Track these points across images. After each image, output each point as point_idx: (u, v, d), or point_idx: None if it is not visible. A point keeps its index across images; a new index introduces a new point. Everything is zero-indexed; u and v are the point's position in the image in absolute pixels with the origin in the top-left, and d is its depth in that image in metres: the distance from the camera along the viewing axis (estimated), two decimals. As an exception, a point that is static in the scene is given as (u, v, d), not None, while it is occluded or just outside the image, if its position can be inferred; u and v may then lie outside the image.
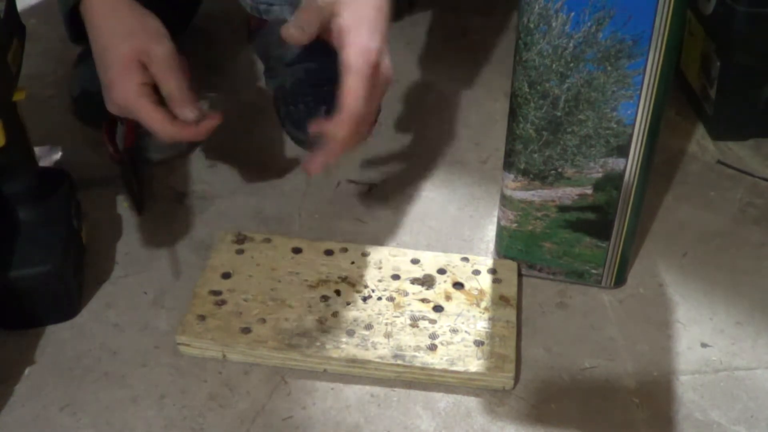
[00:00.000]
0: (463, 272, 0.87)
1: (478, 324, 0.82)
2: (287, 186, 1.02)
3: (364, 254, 0.89)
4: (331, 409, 0.78)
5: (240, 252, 0.89)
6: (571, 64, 0.74)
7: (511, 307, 0.84)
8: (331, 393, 0.79)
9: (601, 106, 0.76)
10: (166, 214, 0.97)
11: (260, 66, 1.17)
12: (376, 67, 0.78)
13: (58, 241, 0.83)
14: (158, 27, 0.84)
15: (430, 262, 0.88)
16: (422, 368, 0.79)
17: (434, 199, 1.00)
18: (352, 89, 0.78)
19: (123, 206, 0.97)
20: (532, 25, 0.73)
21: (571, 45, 0.73)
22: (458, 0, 1.35)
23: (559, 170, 0.81)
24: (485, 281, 0.86)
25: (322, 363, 0.80)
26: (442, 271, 0.87)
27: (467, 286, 0.86)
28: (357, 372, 0.80)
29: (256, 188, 1.01)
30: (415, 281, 0.86)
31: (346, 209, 0.98)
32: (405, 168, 1.04)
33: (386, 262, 0.88)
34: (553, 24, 0.72)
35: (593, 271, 0.87)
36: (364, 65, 0.77)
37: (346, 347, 0.80)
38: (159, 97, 0.83)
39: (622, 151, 0.78)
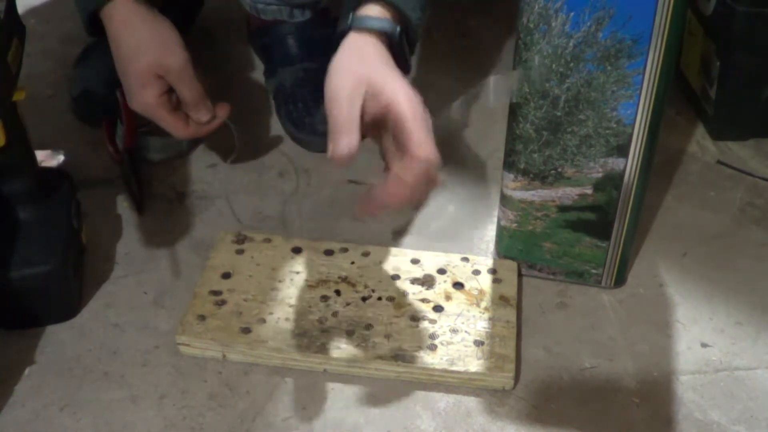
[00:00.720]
0: (463, 272, 0.87)
1: (478, 324, 0.82)
2: (287, 186, 1.02)
3: (364, 254, 0.89)
4: (331, 409, 0.78)
5: (240, 252, 0.89)
6: (571, 64, 0.74)
7: (511, 307, 0.84)
8: (331, 393, 0.79)
9: (601, 106, 0.76)
10: (166, 214, 0.97)
11: (260, 66, 1.17)
12: (426, 112, 0.74)
13: (58, 241, 0.83)
14: (172, 37, 0.87)
15: (430, 262, 0.88)
16: (422, 368, 0.79)
17: (434, 199, 1.00)
18: (418, 133, 0.72)
19: (123, 206, 0.97)
20: (531, 25, 0.73)
21: (570, 45, 0.73)
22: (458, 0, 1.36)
23: (559, 170, 0.81)
24: (485, 281, 0.86)
25: (322, 363, 0.80)
26: (442, 271, 0.87)
27: (467, 286, 0.86)
28: (357, 372, 0.80)
29: (256, 188, 1.01)
30: (415, 281, 0.86)
31: (346, 209, 0.98)
32: (405, 168, 1.04)
33: (386, 262, 0.88)
34: (553, 24, 0.72)
35: (593, 271, 0.87)
36: (419, 108, 0.74)
37: (346, 347, 0.80)
38: (177, 101, 0.90)
39: (622, 151, 0.78)
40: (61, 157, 0.98)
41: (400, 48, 0.80)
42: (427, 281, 0.86)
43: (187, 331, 0.81)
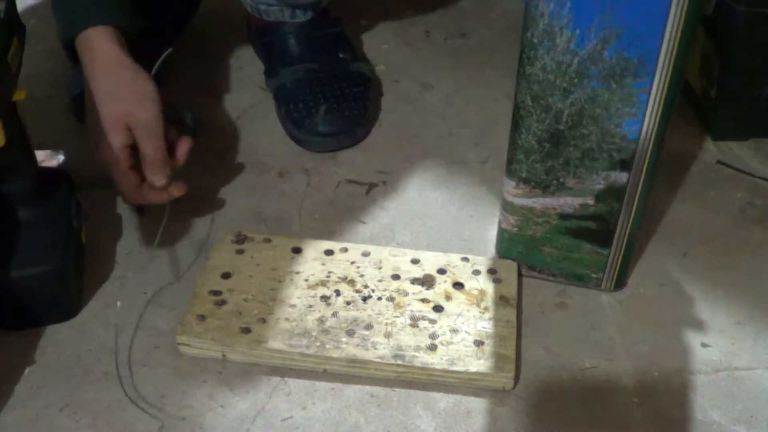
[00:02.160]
0: (463, 272, 0.87)
1: (478, 324, 0.82)
2: (287, 186, 1.02)
3: (364, 254, 0.89)
4: (331, 409, 0.78)
5: (240, 252, 0.89)
6: (575, 80, 0.73)
7: (511, 307, 0.84)
8: (331, 393, 0.79)
9: (605, 122, 0.75)
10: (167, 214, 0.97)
11: (260, 66, 1.17)
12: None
13: (58, 241, 0.83)
14: (147, 89, 0.85)
15: (430, 262, 0.88)
16: (422, 368, 0.79)
17: (434, 199, 1.00)
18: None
19: (123, 206, 0.97)
20: (536, 41, 0.72)
21: (575, 62, 0.72)
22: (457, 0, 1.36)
23: (561, 180, 0.80)
24: (485, 281, 0.86)
25: (322, 363, 0.80)
26: (442, 271, 0.87)
27: (467, 286, 0.86)
28: (357, 372, 0.80)
29: (256, 188, 1.01)
30: (415, 281, 0.86)
31: (346, 209, 0.98)
32: (405, 168, 1.04)
33: (386, 262, 0.88)
34: (558, 41, 0.71)
35: (593, 275, 0.87)
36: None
37: (346, 347, 0.80)
38: (137, 159, 0.87)
39: (626, 165, 0.77)
40: (61, 157, 0.98)
41: None
42: (427, 281, 0.86)
43: (187, 331, 0.81)
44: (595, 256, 0.85)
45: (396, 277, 0.87)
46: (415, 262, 0.88)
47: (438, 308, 0.84)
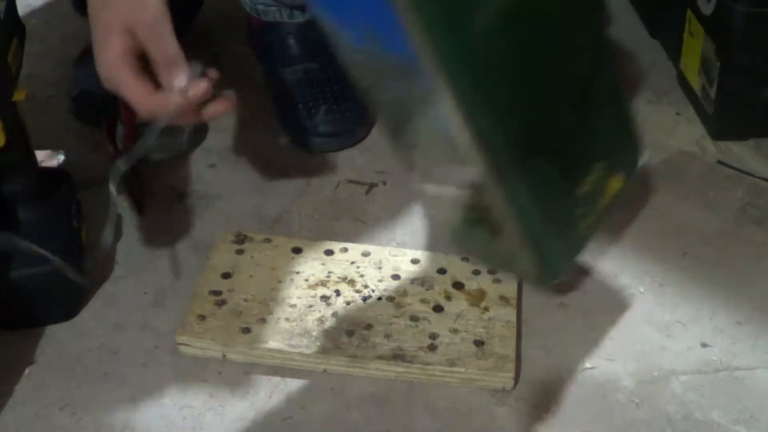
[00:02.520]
0: (463, 272, 0.87)
1: (478, 324, 0.82)
2: (287, 186, 1.02)
3: (364, 254, 0.89)
4: (331, 409, 0.78)
5: (240, 252, 0.89)
6: (378, 77, 0.69)
7: (511, 307, 0.84)
8: (331, 393, 0.79)
9: (425, 118, 0.69)
10: (166, 214, 0.97)
11: (260, 66, 1.17)
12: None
13: (58, 241, 0.83)
14: None
15: (430, 262, 0.88)
16: (422, 368, 0.79)
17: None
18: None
19: (123, 206, 0.97)
20: (334, 41, 0.68)
21: (366, 60, 0.67)
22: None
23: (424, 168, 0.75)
24: (485, 281, 0.86)
25: (322, 363, 0.80)
26: (442, 271, 0.87)
27: (467, 286, 0.86)
28: (357, 372, 0.80)
29: (256, 188, 1.01)
30: (415, 281, 0.86)
31: (346, 209, 0.98)
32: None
33: (386, 262, 0.88)
34: (341, 41, 0.67)
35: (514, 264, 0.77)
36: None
37: (346, 347, 0.80)
38: (148, 69, 0.77)
39: (464, 162, 0.70)
40: (61, 157, 0.98)
41: None
42: (427, 281, 0.86)
43: (187, 331, 0.81)
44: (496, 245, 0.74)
45: (396, 277, 0.87)
46: (415, 262, 0.88)
47: (438, 308, 0.83)
